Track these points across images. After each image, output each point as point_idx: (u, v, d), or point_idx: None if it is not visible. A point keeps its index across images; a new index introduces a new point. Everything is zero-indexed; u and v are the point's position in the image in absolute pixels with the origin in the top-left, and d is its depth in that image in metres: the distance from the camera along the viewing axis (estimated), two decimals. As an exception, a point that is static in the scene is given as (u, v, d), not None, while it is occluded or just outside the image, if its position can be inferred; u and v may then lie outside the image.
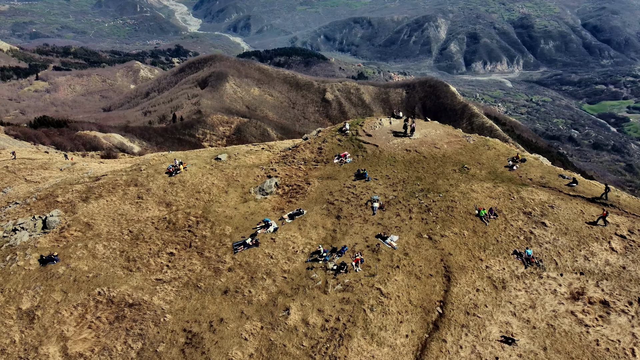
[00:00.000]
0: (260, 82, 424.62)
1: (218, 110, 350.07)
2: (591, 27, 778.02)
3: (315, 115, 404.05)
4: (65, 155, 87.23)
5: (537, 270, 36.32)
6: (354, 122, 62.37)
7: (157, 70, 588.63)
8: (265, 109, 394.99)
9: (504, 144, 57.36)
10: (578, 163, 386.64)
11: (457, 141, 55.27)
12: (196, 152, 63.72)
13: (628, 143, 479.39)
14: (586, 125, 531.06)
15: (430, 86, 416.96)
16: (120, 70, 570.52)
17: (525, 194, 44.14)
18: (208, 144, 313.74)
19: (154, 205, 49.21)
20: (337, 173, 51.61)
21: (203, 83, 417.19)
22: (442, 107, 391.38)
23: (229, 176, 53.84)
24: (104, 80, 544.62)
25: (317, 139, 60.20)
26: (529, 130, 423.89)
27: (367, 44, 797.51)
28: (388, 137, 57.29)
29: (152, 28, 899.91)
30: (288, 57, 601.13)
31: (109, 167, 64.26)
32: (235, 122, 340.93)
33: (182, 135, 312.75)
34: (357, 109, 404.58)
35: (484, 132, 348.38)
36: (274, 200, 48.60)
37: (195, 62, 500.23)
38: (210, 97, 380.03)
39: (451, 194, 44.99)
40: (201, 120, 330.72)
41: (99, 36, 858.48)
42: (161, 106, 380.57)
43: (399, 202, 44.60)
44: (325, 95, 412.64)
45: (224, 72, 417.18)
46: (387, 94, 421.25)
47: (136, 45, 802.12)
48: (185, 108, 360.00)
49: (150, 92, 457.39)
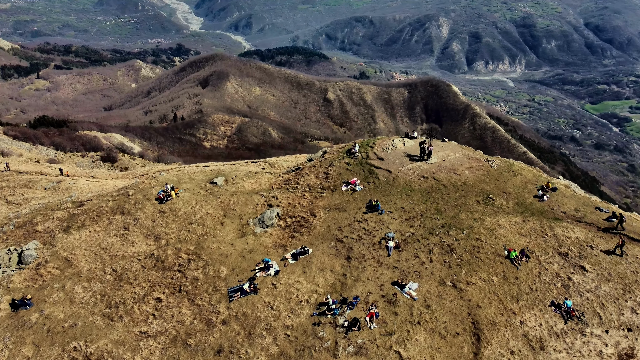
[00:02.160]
0: (262, 81, 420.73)
1: (219, 109, 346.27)
2: (593, 27, 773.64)
3: (317, 115, 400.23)
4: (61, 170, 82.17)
5: (579, 326, 31.39)
6: (364, 143, 57.09)
7: (158, 69, 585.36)
8: (267, 109, 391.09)
9: (530, 169, 52.16)
10: (580, 163, 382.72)
11: (479, 166, 49.98)
12: (190, 173, 58.07)
13: (630, 143, 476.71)
14: (588, 125, 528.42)
15: (433, 86, 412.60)
16: (122, 69, 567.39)
17: (560, 230, 39.02)
18: (209, 143, 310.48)
19: (141, 238, 43.85)
20: (346, 203, 46.23)
21: (204, 82, 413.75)
22: (445, 107, 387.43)
23: (225, 204, 48.55)
24: (105, 79, 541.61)
25: (323, 161, 54.63)
26: (531, 130, 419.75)
27: (368, 43, 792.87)
28: (402, 161, 51.70)
29: (154, 27, 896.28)
30: (289, 56, 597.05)
31: (97, 187, 59.30)
32: (236, 121, 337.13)
33: (183, 135, 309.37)
34: (358, 109, 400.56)
35: (486, 132, 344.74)
36: (275, 234, 43.32)
37: (196, 61, 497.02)
38: (211, 96, 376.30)
39: (476, 230, 39.75)
40: (202, 119, 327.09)
41: (100, 35, 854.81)
42: (162, 105, 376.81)
43: (417, 240, 39.29)
44: (327, 95, 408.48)
45: (225, 72, 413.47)
46: (389, 93, 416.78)
47: (137, 44, 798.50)
48: (187, 107, 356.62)
49: (151, 91, 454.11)
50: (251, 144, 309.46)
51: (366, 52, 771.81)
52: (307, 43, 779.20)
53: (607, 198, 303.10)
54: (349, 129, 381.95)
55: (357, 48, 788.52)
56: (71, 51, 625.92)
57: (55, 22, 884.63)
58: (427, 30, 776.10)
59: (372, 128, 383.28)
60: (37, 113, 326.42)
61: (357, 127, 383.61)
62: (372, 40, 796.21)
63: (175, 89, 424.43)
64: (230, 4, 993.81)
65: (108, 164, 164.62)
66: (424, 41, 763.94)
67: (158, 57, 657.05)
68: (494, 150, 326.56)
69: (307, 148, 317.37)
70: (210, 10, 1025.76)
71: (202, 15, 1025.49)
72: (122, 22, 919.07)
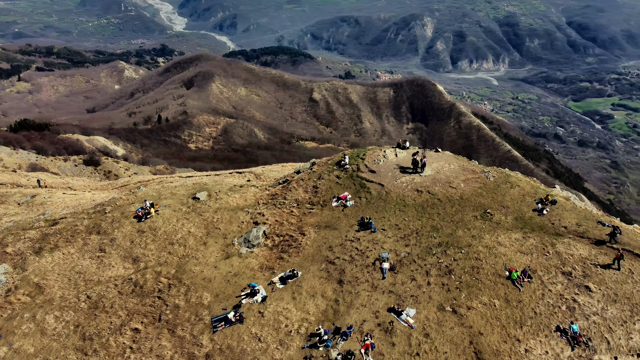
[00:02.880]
0: (247, 81, 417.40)
1: (204, 110, 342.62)
2: (576, 25, 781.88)
3: (303, 115, 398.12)
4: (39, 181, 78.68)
5: (587, 353, 29.49)
6: (354, 154, 54.19)
7: (142, 70, 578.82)
8: (252, 109, 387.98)
9: (528, 180, 50.06)
10: (564, 160, 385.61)
11: (475, 178, 47.82)
12: (171, 188, 54.70)
13: (613, 140, 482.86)
14: (571, 123, 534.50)
15: (418, 85, 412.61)
16: (105, 71, 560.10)
17: (562, 247, 37.11)
18: (194, 145, 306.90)
19: (118, 260, 40.97)
20: (336, 220, 43.57)
21: (189, 83, 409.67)
22: (430, 106, 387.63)
23: (208, 222, 45.52)
24: (88, 80, 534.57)
25: (311, 174, 51.77)
26: (516, 128, 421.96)
27: (354, 43, 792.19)
28: (395, 173, 49.15)
29: (137, 27, 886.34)
30: (275, 56, 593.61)
31: (74, 201, 55.80)
32: (222, 122, 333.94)
33: (168, 136, 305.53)
34: (344, 109, 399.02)
35: (471, 131, 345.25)
36: (261, 254, 40.63)
37: (180, 61, 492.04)
38: (196, 97, 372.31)
39: (475, 249, 37.56)
40: (187, 121, 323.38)
41: (82, 36, 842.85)
42: (146, 107, 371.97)
43: (414, 261, 36.93)
44: (312, 95, 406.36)
45: (210, 72, 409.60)
46: (374, 93, 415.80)
47: (121, 44, 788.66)
48: (171, 109, 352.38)
49: (135, 93, 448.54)
50: (237, 145, 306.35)
51: (352, 51, 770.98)
52: (292, 43, 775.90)
53: (591, 194, 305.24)
54: (335, 129, 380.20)
55: (343, 48, 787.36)
56: (53, 52, 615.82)
57: (37, 23, 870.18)
58: (412, 29, 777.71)
59: (358, 128, 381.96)
60: (18, 116, 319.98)
61: (343, 127, 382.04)
62: (357, 39, 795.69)
63: (159, 90, 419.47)
64: (215, 4, 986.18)
65: (91, 167, 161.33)
66: (409, 40, 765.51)
67: (142, 57, 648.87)
68: (480, 148, 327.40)
69: (294, 148, 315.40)
70: (194, 10, 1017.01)
71: (186, 16, 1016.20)
72: (105, 23, 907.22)
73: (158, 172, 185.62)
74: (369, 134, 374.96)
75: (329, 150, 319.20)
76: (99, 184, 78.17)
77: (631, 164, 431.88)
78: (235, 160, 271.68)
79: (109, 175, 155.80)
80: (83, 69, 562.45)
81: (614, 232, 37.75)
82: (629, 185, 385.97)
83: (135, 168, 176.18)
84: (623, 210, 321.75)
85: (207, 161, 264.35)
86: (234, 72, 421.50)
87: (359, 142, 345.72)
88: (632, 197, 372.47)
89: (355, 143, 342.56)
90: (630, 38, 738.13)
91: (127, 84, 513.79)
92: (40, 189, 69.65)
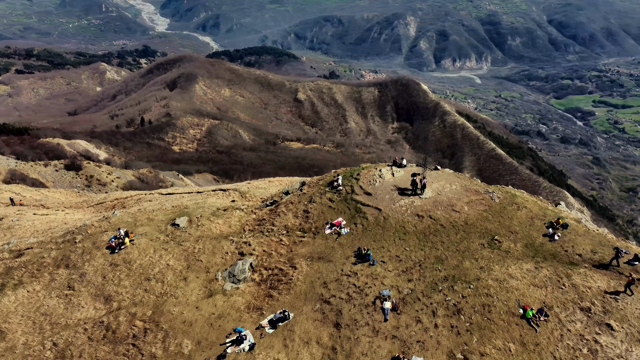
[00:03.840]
0: (231, 82, 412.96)
1: (188, 112, 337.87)
2: (557, 23, 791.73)
3: (288, 115, 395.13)
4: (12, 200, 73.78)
5: (614, 404, 26.56)
6: (348, 173, 49.94)
7: (124, 72, 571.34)
8: (237, 110, 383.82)
9: (534, 199, 46.72)
10: (547, 157, 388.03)
11: (479, 200, 44.19)
12: (148, 213, 50.02)
13: (594, 136, 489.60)
14: (554, 120, 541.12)
15: (403, 85, 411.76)
16: (86, 72, 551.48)
17: (579, 279, 33.91)
18: (178, 147, 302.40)
19: (88, 299, 36.78)
20: (330, 251, 39.62)
21: (172, 84, 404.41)
22: (415, 106, 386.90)
23: (189, 253, 41.17)
24: (69, 82, 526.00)
25: (301, 196, 47.44)
26: (500, 126, 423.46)
27: (338, 42, 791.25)
28: (392, 195, 45.11)
29: (119, 28, 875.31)
30: (259, 57, 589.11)
31: (44, 224, 51.66)
32: (206, 124, 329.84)
33: (151, 139, 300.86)
34: (330, 109, 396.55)
35: (456, 129, 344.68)
36: (248, 291, 36.64)
37: (163, 62, 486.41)
38: (179, 99, 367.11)
39: (484, 283, 34.23)
40: (171, 123, 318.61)
41: (63, 37, 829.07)
42: (129, 109, 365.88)
43: (418, 299, 33.40)
44: (297, 95, 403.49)
45: (194, 73, 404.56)
46: (359, 93, 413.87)
47: (102, 45, 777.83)
48: (154, 111, 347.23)
49: (117, 95, 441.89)
50: (222, 146, 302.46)
51: (335, 51, 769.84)
52: (276, 43, 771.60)
53: (575, 191, 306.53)
54: (320, 129, 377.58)
55: (327, 47, 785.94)
56: (33, 54, 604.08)
57: (16, 25, 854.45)
58: (395, 28, 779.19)
59: (343, 128, 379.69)
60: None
61: (328, 127, 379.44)
62: (341, 39, 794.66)
63: (142, 91, 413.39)
64: (197, 4, 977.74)
65: (72, 172, 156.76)
66: (393, 40, 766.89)
67: (124, 59, 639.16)
68: (464, 147, 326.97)
69: (280, 149, 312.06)
70: (176, 10, 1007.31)
71: (168, 16, 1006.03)
72: (86, 24, 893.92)
73: (141, 176, 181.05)
74: (354, 133, 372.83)
75: (315, 150, 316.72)
76: (75, 200, 73.56)
77: (612, 160, 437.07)
78: (220, 162, 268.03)
79: (90, 180, 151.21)
80: (64, 71, 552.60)
81: (618, 254, 35.23)
82: (610, 181, 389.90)
83: (118, 172, 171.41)
84: (606, 206, 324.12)
85: (192, 163, 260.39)
86: (218, 72, 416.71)
87: (344, 142, 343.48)
88: (614, 192, 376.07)
89: (340, 143, 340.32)
90: (609, 36, 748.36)
91: (109, 85, 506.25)
92: (11, 208, 65.08)
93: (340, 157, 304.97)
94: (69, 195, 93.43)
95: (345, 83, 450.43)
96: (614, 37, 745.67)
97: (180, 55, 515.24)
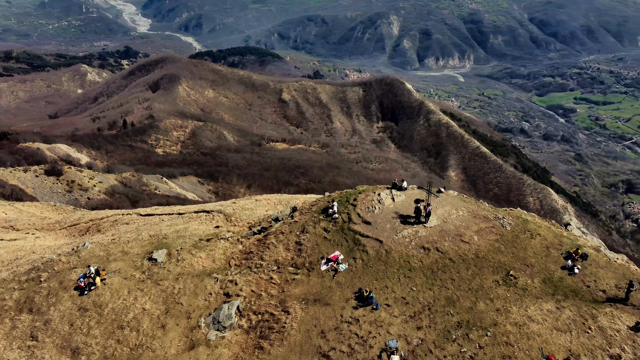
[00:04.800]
0: (215, 83, 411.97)
1: (171, 114, 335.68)
2: (538, 21, 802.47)
3: (273, 116, 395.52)
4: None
5: None
6: (344, 198, 45.47)
7: (105, 73, 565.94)
8: (221, 112, 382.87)
9: (547, 224, 43.26)
10: (531, 154, 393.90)
11: (489, 228, 40.87)
12: (123, 243, 45.51)
13: (576, 133, 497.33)
14: (536, 117, 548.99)
15: (387, 84, 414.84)
16: (67, 74, 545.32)
17: (605, 320, 31.22)
18: (162, 150, 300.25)
19: (53, 352, 32.73)
20: (328, 292, 35.88)
21: (155, 86, 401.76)
22: (400, 105, 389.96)
23: (168, 294, 37.06)
24: (49, 85, 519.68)
25: (293, 225, 43.12)
26: (483, 124, 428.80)
27: (321, 42, 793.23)
28: (394, 224, 41.15)
29: (100, 29, 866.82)
30: (242, 57, 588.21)
31: (10, 253, 48.02)
32: (190, 126, 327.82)
33: (134, 142, 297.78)
34: (314, 109, 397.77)
35: (440, 128, 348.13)
36: (235, 341, 32.83)
37: (145, 64, 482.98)
38: (162, 100, 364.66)
39: (502, 329, 31.15)
40: (154, 125, 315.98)
41: (43, 38, 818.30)
42: (111, 111, 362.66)
43: (430, 351, 29.86)
44: (282, 96, 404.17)
45: (177, 74, 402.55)
46: (344, 92, 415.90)
47: (83, 47, 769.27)
48: (137, 113, 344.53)
49: (99, 97, 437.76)
50: (206, 148, 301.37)
51: (319, 50, 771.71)
52: (259, 43, 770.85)
53: (558, 187, 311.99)
54: (305, 130, 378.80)
55: (310, 47, 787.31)
56: (12, 57, 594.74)
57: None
58: (378, 28, 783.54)
59: (328, 128, 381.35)
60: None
61: (313, 127, 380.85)
62: (325, 38, 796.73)
63: (124, 93, 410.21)
64: (179, 4, 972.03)
65: (53, 178, 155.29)
66: (376, 39, 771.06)
67: (105, 60, 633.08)
68: (449, 145, 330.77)
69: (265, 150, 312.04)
70: (158, 11, 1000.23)
71: (150, 16, 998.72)
72: (66, 25, 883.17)
73: (124, 180, 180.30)
74: (339, 133, 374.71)
75: (300, 151, 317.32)
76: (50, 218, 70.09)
77: (594, 156, 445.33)
78: (205, 164, 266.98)
79: (72, 186, 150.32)
80: (44, 73, 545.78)
81: (630, 287, 33.39)
82: (593, 177, 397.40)
83: (100, 177, 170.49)
84: (589, 202, 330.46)
85: (176, 166, 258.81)
86: (201, 73, 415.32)
87: (329, 142, 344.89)
88: (596, 188, 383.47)
89: (326, 143, 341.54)
90: (589, 33, 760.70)
91: (91, 87, 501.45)
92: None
93: (326, 157, 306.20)
94: (45, 209, 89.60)
95: (329, 83, 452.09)
96: (594, 34, 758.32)
97: (162, 56, 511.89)
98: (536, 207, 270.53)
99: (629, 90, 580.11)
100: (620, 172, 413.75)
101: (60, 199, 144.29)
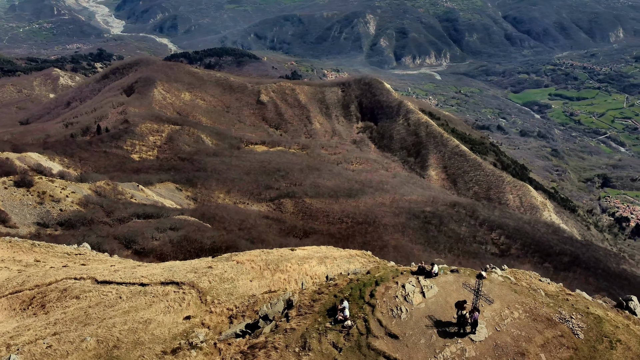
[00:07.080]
0: (191, 86, 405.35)
1: (147, 118, 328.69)
2: (512, 19, 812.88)
3: (251, 118, 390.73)
4: None
5: None
6: (355, 293, 32.76)
7: (78, 77, 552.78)
8: (198, 115, 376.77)
9: (623, 320, 32.45)
10: (508, 151, 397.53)
11: (557, 337, 29.64)
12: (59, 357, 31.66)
13: (552, 129, 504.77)
14: (513, 114, 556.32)
15: (366, 84, 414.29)
16: (38, 79, 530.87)
17: None
18: (138, 155, 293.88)
19: None
20: None
21: (129, 89, 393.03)
22: (379, 105, 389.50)
23: None
24: (20, 90, 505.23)
25: (289, 334, 30.37)
26: (462, 122, 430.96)
27: (298, 42, 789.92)
28: (430, 338, 29.03)
29: (72, 31, 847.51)
30: (219, 58, 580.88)
31: None
32: (166, 130, 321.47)
33: (109, 147, 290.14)
34: (293, 110, 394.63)
35: (420, 127, 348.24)
36: None
37: (119, 67, 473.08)
38: (137, 104, 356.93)
39: None
40: (129, 130, 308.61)
41: (13, 42, 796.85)
42: (84, 117, 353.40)
43: None
44: (260, 97, 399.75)
45: (152, 77, 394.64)
46: (323, 93, 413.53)
47: (55, 50, 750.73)
48: (111, 118, 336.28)
49: (72, 102, 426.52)
50: (184, 153, 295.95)
51: (297, 50, 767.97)
52: (236, 43, 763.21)
53: (537, 184, 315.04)
54: (285, 131, 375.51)
55: (288, 47, 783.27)
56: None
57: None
58: (355, 27, 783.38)
59: (308, 129, 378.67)
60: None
61: (293, 128, 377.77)
62: (302, 38, 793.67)
63: (97, 98, 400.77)
64: (154, 5, 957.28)
65: (23, 189, 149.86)
66: (353, 38, 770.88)
67: (78, 63, 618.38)
68: (429, 145, 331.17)
69: (244, 153, 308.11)
70: (132, 12, 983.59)
71: (123, 18, 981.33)
72: (37, 28, 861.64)
73: (99, 189, 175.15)
74: (319, 134, 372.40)
75: (280, 153, 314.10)
76: None
77: (570, 151, 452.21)
78: (183, 170, 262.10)
79: (43, 197, 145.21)
80: (14, 78, 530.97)
81: None
82: (569, 172, 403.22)
83: (73, 186, 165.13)
84: (567, 198, 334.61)
85: (153, 172, 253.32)
86: (177, 76, 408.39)
87: (309, 143, 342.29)
88: (573, 183, 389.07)
89: (305, 144, 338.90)
90: (562, 30, 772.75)
91: (63, 92, 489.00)
92: None
93: (306, 159, 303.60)
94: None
95: (308, 83, 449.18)
96: (567, 31, 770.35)
97: (137, 58, 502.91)
98: (516, 204, 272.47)
99: (602, 86, 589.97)
100: (596, 166, 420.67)
101: (31, 211, 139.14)
